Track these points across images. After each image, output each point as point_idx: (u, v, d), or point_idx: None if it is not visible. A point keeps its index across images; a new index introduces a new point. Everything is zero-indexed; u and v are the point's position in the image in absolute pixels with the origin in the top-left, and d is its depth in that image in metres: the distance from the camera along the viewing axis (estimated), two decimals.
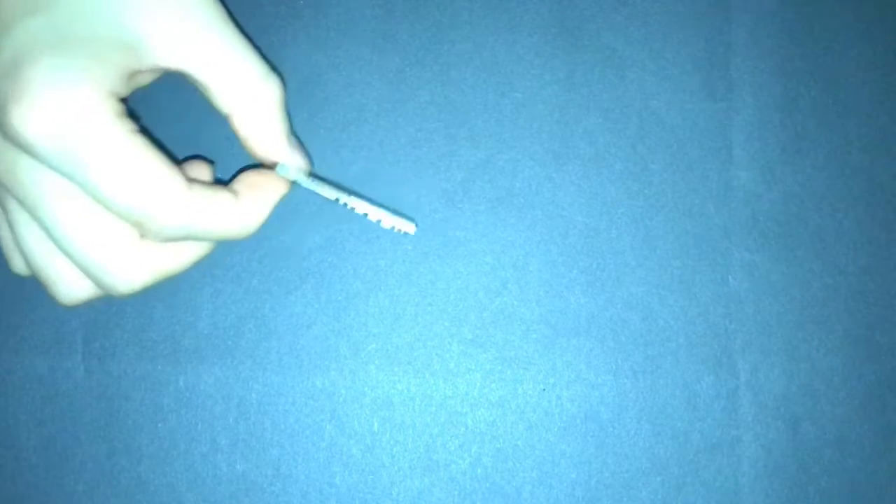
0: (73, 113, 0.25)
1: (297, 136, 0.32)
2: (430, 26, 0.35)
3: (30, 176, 0.27)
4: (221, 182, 0.31)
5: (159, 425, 0.34)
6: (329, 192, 0.32)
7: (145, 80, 0.31)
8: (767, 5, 0.36)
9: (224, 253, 0.34)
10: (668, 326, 0.34)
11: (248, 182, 0.31)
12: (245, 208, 0.30)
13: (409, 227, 0.32)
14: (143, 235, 0.28)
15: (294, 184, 0.32)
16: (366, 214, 0.32)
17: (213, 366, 0.34)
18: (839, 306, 0.35)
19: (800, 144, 0.35)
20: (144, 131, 0.29)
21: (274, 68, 0.31)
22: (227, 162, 0.35)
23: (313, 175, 0.32)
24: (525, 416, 0.34)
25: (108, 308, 0.34)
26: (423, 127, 0.34)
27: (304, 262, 0.34)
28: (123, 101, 0.28)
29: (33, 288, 0.34)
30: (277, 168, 0.31)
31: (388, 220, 0.32)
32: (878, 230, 0.35)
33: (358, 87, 0.35)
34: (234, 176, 0.36)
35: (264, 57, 0.31)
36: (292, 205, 0.35)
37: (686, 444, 0.34)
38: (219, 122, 0.35)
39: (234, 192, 0.30)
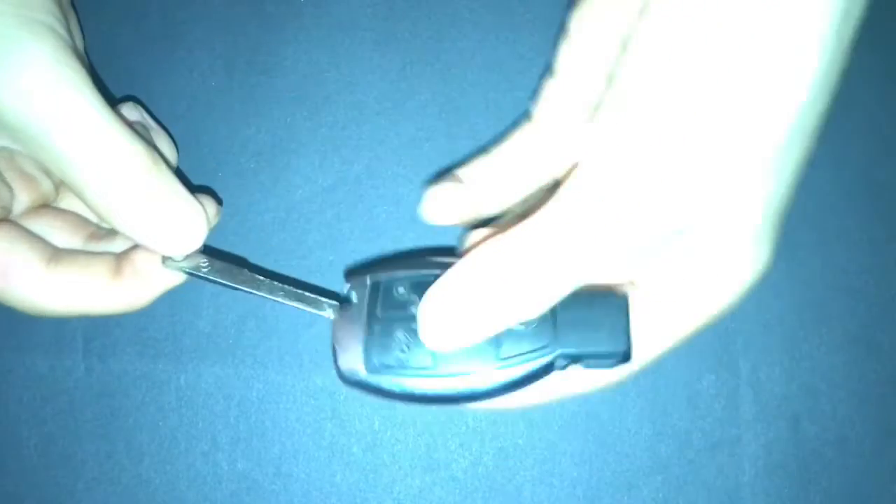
0: None
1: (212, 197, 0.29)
2: (430, 25, 0.35)
3: None
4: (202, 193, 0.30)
5: (160, 424, 0.34)
6: (238, 281, 0.28)
7: None
8: None
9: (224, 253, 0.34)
10: None
11: (136, 265, 0.28)
12: (123, 291, 0.28)
13: (326, 313, 0.27)
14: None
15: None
16: (281, 302, 0.27)
17: (214, 364, 0.34)
18: (840, 305, 0.35)
19: None
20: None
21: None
22: (228, 162, 0.35)
23: (215, 259, 0.28)
24: (526, 415, 0.34)
25: None
26: (424, 126, 0.34)
27: (304, 260, 0.34)
28: None
29: None
30: (162, 259, 0.27)
31: (304, 307, 0.27)
32: (878, 230, 0.35)
33: (359, 85, 0.35)
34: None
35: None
36: (293, 204, 0.35)
37: (687, 443, 0.34)
38: (219, 122, 0.35)
39: (116, 270, 0.28)
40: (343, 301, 0.27)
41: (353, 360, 0.25)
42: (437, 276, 0.25)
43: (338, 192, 0.35)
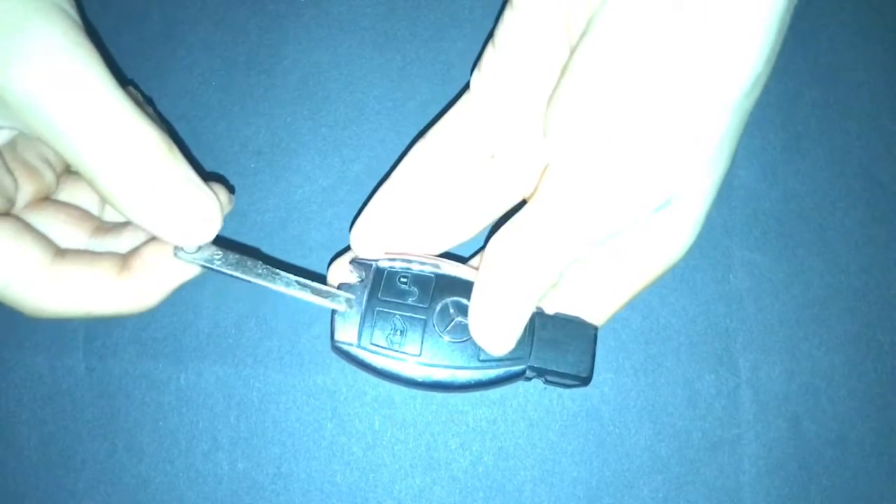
0: None
1: (222, 189, 0.28)
2: (430, 25, 0.36)
3: None
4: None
5: (160, 423, 0.34)
6: (253, 275, 0.27)
7: None
8: None
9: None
10: (668, 325, 0.34)
11: (145, 258, 0.27)
12: (131, 291, 0.27)
13: (342, 307, 0.28)
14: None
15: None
16: (297, 295, 0.28)
17: (215, 364, 0.34)
18: (840, 305, 0.35)
19: (800, 144, 0.36)
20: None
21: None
22: (228, 162, 0.35)
23: (228, 252, 0.27)
24: (526, 415, 0.34)
25: None
26: (425, 125, 0.34)
27: (304, 260, 0.34)
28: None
29: None
30: (174, 251, 0.27)
31: (319, 300, 0.28)
32: (878, 229, 0.35)
33: (359, 85, 0.35)
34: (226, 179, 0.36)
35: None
36: (293, 204, 0.35)
37: (687, 443, 0.34)
38: (218, 122, 0.35)
39: (123, 267, 0.27)
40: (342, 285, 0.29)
41: (349, 333, 0.28)
42: (437, 275, 0.29)
43: (338, 192, 0.35)
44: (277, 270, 0.27)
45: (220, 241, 0.27)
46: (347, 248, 0.30)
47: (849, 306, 0.35)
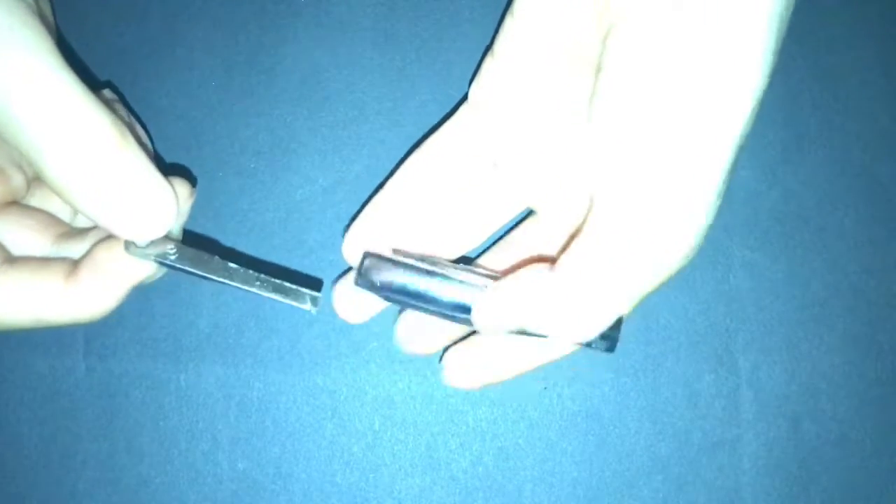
0: None
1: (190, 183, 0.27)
2: (431, 24, 0.35)
3: None
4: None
5: (160, 424, 0.34)
6: (209, 270, 0.26)
7: None
8: None
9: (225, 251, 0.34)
10: (668, 324, 0.34)
11: (92, 261, 0.26)
12: (81, 295, 0.26)
13: (307, 306, 0.26)
14: None
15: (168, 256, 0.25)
16: (258, 293, 0.26)
17: (215, 364, 0.34)
18: (840, 305, 0.35)
19: (800, 144, 0.35)
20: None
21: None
22: (228, 162, 0.35)
23: (185, 246, 0.26)
24: (526, 415, 0.34)
25: None
26: (425, 125, 0.34)
27: (304, 260, 0.34)
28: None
29: None
30: (125, 245, 0.25)
31: (282, 298, 0.26)
32: (878, 229, 0.35)
33: (359, 85, 0.35)
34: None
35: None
36: (293, 203, 0.35)
37: (687, 443, 0.34)
38: (218, 122, 0.35)
39: (71, 272, 0.26)
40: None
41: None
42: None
43: (338, 192, 0.35)
44: (234, 266, 0.26)
45: (218, 246, 0.26)
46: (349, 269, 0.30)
47: (849, 306, 0.35)
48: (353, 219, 0.31)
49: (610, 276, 0.25)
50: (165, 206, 0.25)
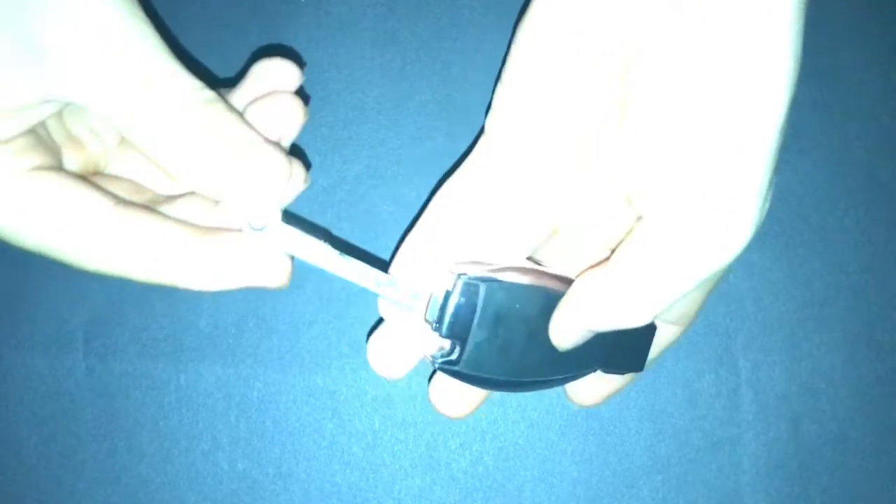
0: None
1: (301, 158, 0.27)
2: (431, 24, 0.35)
3: None
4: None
5: (160, 424, 0.34)
6: (319, 258, 0.26)
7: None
8: None
9: None
10: None
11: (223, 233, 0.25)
12: (214, 251, 0.25)
13: (417, 315, 0.28)
14: None
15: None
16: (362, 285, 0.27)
17: (215, 364, 0.34)
18: (840, 305, 0.35)
19: (800, 144, 0.35)
20: None
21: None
22: None
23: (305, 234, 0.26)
24: (526, 415, 0.34)
25: (109, 306, 0.34)
26: (425, 125, 0.34)
27: None
28: None
29: (34, 286, 0.34)
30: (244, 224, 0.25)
31: (397, 303, 0.27)
32: (878, 229, 0.35)
33: (359, 84, 0.35)
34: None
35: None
36: (293, 203, 0.35)
37: (687, 443, 0.34)
38: None
39: (200, 230, 0.25)
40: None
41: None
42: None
43: (338, 192, 0.35)
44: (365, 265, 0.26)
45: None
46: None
47: (849, 306, 0.35)
48: (391, 261, 0.29)
49: (673, 268, 0.25)
50: (279, 173, 0.24)
